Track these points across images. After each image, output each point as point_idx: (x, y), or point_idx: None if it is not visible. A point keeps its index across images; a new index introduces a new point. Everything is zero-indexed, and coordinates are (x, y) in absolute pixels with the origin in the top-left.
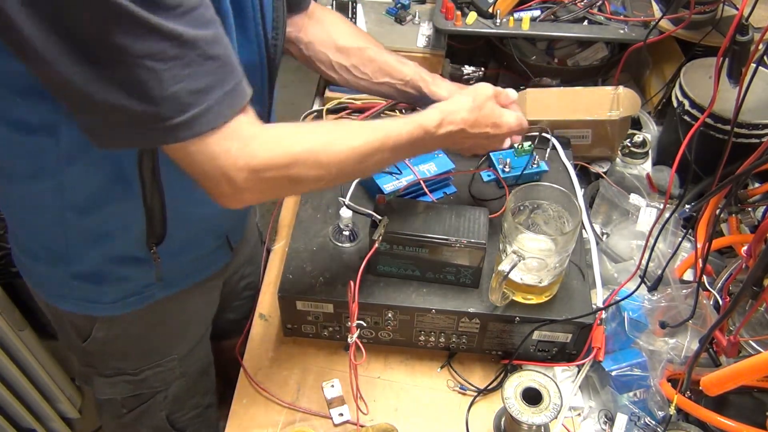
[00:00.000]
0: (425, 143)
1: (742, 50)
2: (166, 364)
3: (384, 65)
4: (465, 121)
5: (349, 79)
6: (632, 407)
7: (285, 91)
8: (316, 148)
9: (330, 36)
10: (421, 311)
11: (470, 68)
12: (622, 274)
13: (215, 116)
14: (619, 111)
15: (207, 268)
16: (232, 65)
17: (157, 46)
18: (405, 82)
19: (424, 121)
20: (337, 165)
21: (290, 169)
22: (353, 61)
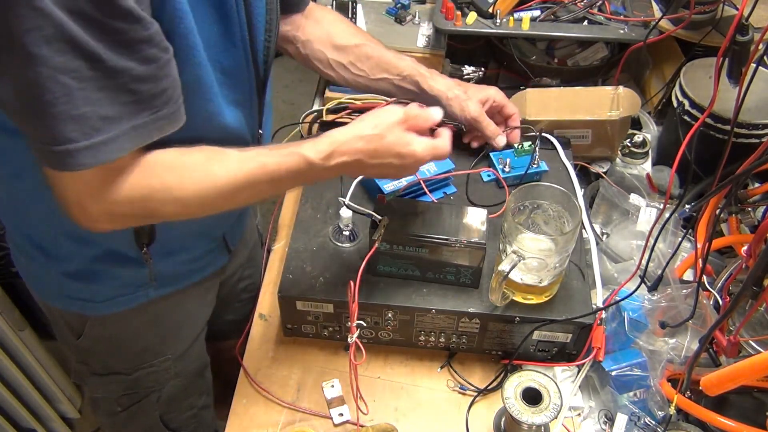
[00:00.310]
0: (314, 174)
1: (742, 50)
2: (159, 365)
3: (381, 61)
4: (361, 151)
5: (347, 77)
6: (632, 407)
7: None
8: (171, 184)
9: (328, 34)
10: (421, 311)
11: (470, 68)
12: (622, 274)
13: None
14: (619, 111)
15: (202, 270)
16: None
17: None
18: (402, 77)
19: (309, 153)
20: (198, 200)
21: (146, 203)
22: (351, 58)
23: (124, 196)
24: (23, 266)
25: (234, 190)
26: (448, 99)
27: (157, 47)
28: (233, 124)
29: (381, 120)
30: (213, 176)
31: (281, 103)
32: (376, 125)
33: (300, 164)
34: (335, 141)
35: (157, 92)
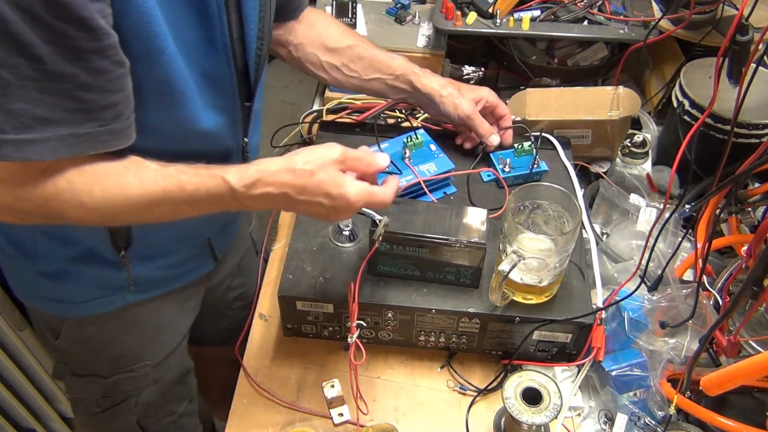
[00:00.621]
0: (237, 202)
1: (742, 50)
2: (138, 370)
3: (374, 61)
4: (288, 185)
5: (340, 79)
6: (632, 407)
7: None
8: (79, 188)
9: (320, 37)
10: (421, 311)
11: (470, 68)
12: (622, 274)
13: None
14: (619, 111)
15: (185, 275)
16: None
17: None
18: (395, 76)
19: (233, 178)
20: (104, 208)
21: (48, 203)
22: (343, 59)
23: (31, 194)
24: (3, 264)
25: (147, 204)
26: (441, 97)
27: (109, 60)
28: (213, 130)
29: (316, 156)
30: (125, 187)
31: (281, 103)
32: (309, 161)
33: (221, 188)
34: (263, 171)
35: (106, 105)
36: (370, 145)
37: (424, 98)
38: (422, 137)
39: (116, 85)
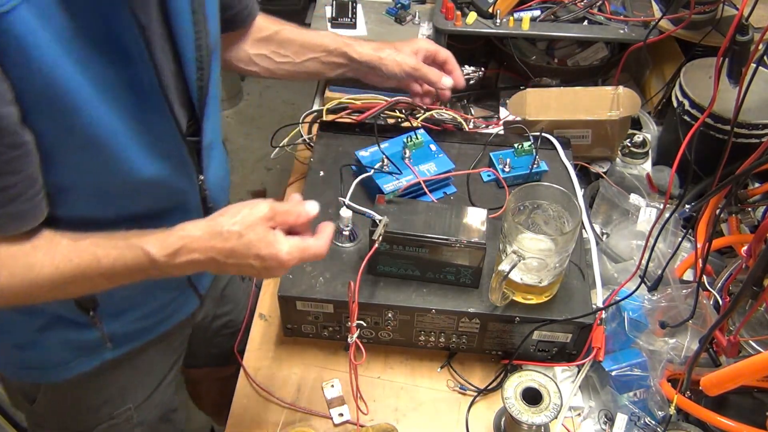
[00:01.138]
0: (159, 271)
1: (742, 50)
2: (120, 416)
3: (304, 42)
4: (214, 249)
5: (272, 68)
6: (632, 407)
7: (285, 91)
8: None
9: (246, 33)
10: (421, 311)
11: (470, 68)
12: (622, 274)
13: None
14: (619, 111)
15: (166, 321)
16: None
17: None
18: (329, 51)
19: (153, 248)
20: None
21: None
22: (272, 47)
23: None
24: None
25: (61, 282)
26: (380, 60)
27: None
28: (155, 177)
29: (243, 216)
30: (34, 267)
31: (281, 103)
32: (236, 221)
33: (140, 260)
34: (186, 236)
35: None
36: (370, 145)
37: (363, 67)
38: (422, 137)
39: (11, 167)
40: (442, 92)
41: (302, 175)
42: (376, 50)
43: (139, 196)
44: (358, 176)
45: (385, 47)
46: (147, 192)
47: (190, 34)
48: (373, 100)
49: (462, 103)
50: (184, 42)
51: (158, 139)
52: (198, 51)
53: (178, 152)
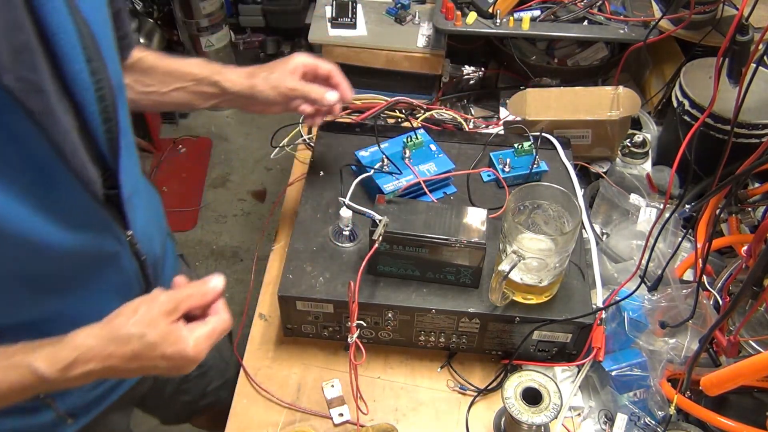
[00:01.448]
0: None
1: (742, 50)
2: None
3: (168, 70)
4: (113, 356)
5: (135, 98)
6: (632, 407)
7: None
8: None
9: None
10: (421, 311)
11: (470, 68)
12: (622, 274)
13: None
14: (619, 111)
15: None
16: None
17: None
18: (198, 80)
19: (42, 365)
20: None
21: None
22: (134, 75)
23: None
24: None
25: None
26: (253, 87)
27: None
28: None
29: (141, 315)
30: None
31: None
32: (135, 322)
33: (27, 380)
34: (80, 346)
35: None
36: (370, 145)
37: (237, 97)
38: (422, 137)
39: None
40: (329, 108)
41: (302, 175)
42: (248, 77)
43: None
44: (358, 176)
45: (260, 71)
46: (69, 265)
47: (89, 87)
48: (373, 100)
49: (462, 103)
50: (84, 96)
51: (69, 210)
52: (101, 102)
53: (95, 217)
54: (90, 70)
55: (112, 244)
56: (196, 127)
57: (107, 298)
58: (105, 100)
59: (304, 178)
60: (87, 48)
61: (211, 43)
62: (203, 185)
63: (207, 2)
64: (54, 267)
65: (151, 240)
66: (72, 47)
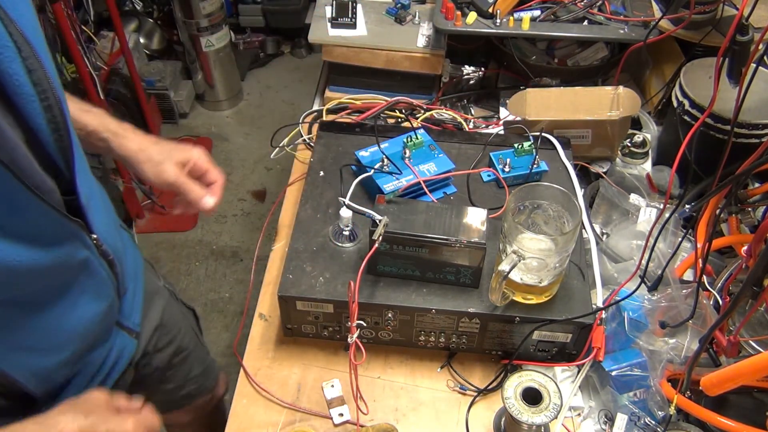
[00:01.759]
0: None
1: (742, 50)
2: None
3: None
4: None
5: None
6: (632, 407)
7: (285, 91)
8: None
9: None
10: (421, 311)
11: (470, 68)
12: (622, 274)
13: None
14: (619, 111)
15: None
16: None
17: None
18: (88, 132)
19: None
20: None
21: None
22: None
23: None
24: None
25: None
26: (139, 163)
27: None
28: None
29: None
30: None
31: (281, 103)
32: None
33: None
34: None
35: None
36: (370, 145)
37: (122, 159)
38: (422, 137)
39: None
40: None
41: (302, 175)
42: (139, 149)
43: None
44: (358, 176)
45: (152, 147)
46: (45, 281)
47: (33, 98)
48: (373, 100)
49: (462, 103)
50: (29, 108)
51: (34, 227)
52: (47, 112)
53: (61, 228)
54: (32, 82)
55: (81, 251)
56: (196, 127)
57: (85, 302)
58: (51, 109)
59: (304, 178)
60: (26, 59)
61: (211, 43)
62: None
63: (207, 2)
64: (30, 287)
65: (113, 237)
66: (11, 61)
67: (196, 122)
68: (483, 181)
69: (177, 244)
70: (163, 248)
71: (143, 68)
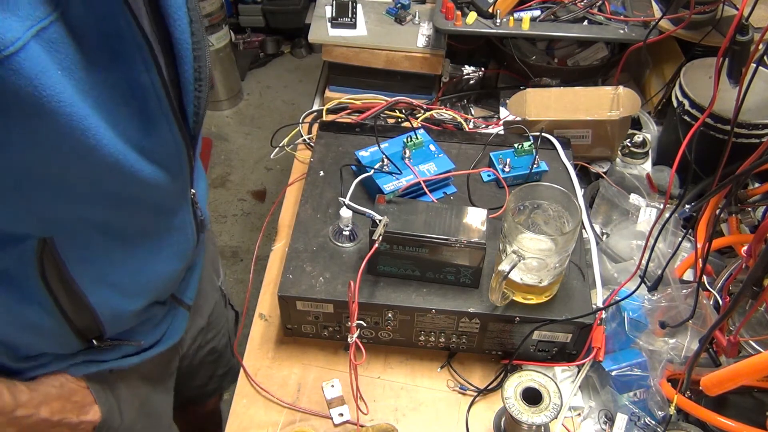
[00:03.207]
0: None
1: (742, 50)
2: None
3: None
4: None
5: None
6: (632, 407)
7: (285, 91)
8: None
9: None
10: (421, 311)
11: (470, 68)
12: (622, 274)
13: None
14: (619, 111)
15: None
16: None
17: None
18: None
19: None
20: None
21: None
22: None
23: None
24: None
25: None
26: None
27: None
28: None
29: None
30: None
31: (281, 103)
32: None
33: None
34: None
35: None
36: (370, 145)
37: None
38: (422, 137)
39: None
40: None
41: (302, 175)
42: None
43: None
44: (358, 176)
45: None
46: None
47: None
48: (373, 100)
49: (462, 103)
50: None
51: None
52: (196, 62)
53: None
54: (191, 31)
55: (182, 200)
56: None
57: (168, 254)
58: (199, 60)
59: (304, 178)
60: (191, 10)
61: (211, 43)
62: None
63: (207, 2)
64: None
65: (204, 205)
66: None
67: None
68: (483, 181)
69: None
70: None
71: None
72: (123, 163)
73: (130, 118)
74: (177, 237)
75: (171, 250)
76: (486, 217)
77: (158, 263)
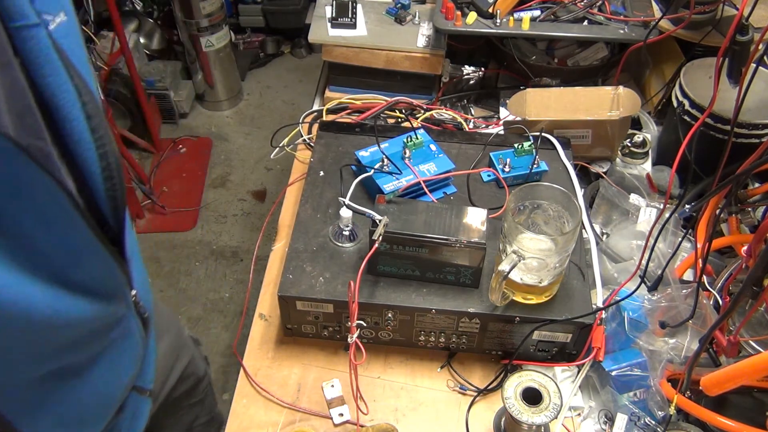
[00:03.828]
0: None
1: (742, 50)
2: None
3: None
4: None
5: None
6: (632, 407)
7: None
8: None
9: None
10: (421, 311)
11: (470, 68)
12: (622, 274)
13: None
14: (619, 111)
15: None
16: None
17: None
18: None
19: None
20: None
21: None
22: None
23: None
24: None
25: None
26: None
27: None
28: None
29: None
30: None
31: (281, 103)
32: None
33: None
34: None
35: None
36: (370, 145)
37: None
38: (422, 137)
39: None
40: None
41: (302, 175)
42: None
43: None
44: (358, 176)
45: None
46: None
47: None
48: (373, 100)
49: (462, 103)
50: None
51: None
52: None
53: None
54: (90, 128)
55: (122, 307)
56: (196, 127)
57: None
58: (107, 157)
59: (304, 178)
60: (86, 104)
61: (211, 43)
62: (203, 185)
63: (207, 2)
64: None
65: (147, 295)
66: (71, 106)
67: (196, 122)
68: (483, 181)
69: (177, 244)
70: (163, 248)
71: (143, 68)
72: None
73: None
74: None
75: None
76: (486, 217)
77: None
